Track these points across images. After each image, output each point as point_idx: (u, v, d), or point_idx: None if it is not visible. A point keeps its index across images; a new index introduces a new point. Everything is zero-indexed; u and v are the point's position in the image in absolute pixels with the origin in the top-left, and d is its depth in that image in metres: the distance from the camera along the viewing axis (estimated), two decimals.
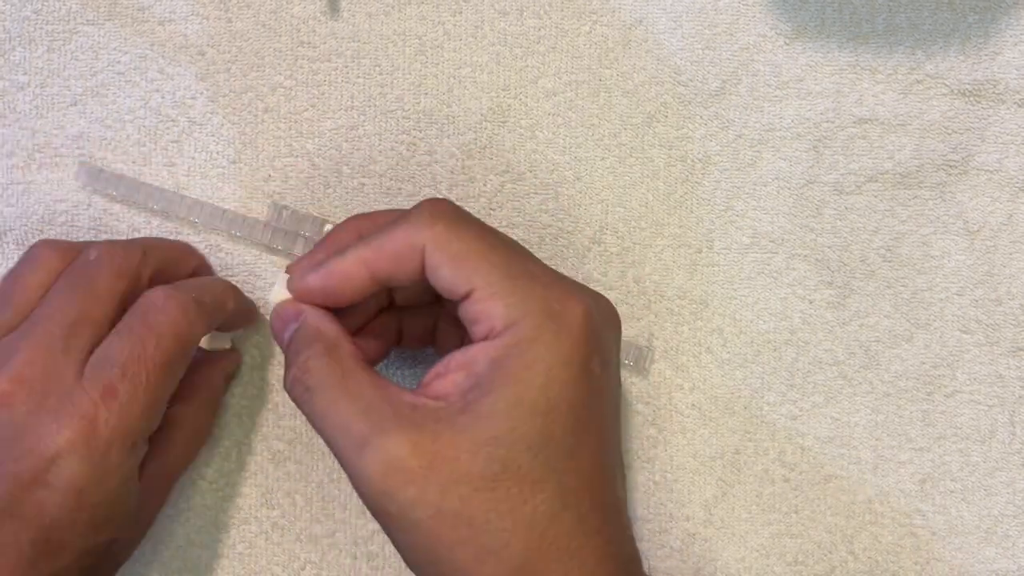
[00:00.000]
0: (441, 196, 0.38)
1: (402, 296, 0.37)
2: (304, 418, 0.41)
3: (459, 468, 0.29)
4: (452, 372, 0.31)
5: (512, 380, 0.30)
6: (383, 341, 0.37)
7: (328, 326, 0.33)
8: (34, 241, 0.41)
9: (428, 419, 0.30)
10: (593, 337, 0.32)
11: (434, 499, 0.29)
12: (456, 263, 0.32)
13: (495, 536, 0.30)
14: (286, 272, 0.35)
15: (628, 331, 0.41)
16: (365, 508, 0.41)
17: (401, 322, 0.37)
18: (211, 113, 0.41)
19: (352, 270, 0.33)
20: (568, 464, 0.31)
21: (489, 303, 0.31)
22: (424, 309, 0.38)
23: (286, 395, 0.41)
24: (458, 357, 0.31)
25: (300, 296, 0.34)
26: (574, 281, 0.34)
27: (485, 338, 0.31)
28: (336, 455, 0.31)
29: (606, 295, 0.33)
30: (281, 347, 0.34)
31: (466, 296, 0.31)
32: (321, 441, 0.41)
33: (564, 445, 0.31)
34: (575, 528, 0.30)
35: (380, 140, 0.41)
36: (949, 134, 0.41)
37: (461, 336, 0.37)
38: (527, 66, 0.41)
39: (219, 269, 0.41)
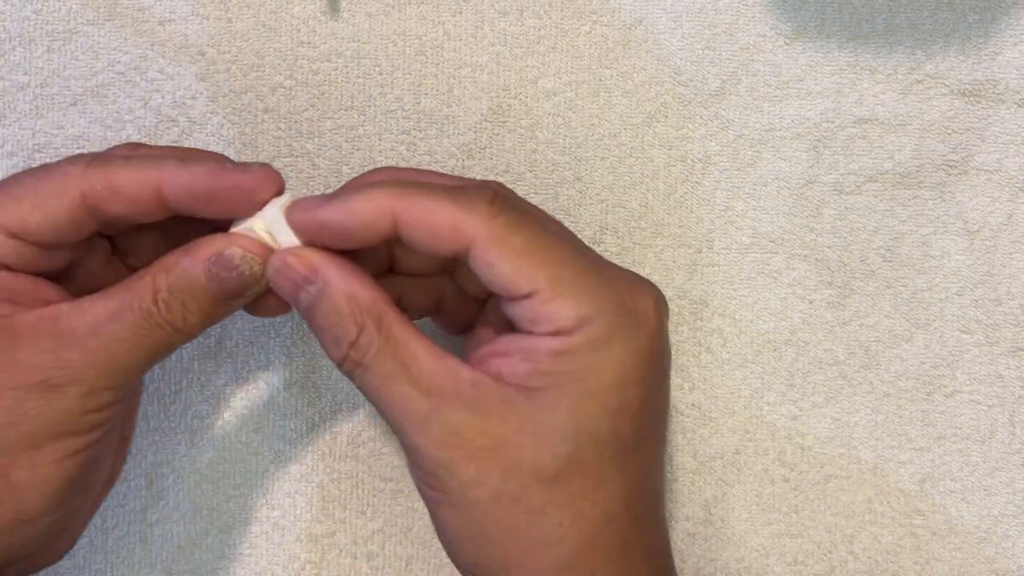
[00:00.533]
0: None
1: (407, 264, 0.35)
2: (305, 419, 0.41)
3: (524, 456, 0.29)
4: (511, 355, 0.30)
5: (582, 375, 0.29)
6: None
7: (364, 290, 0.30)
8: None
9: (492, 399, 0.29)
10: (663, 332, 0.31)
11: (495, 481, 0.29)
12: (518, 260, 0.29)
13: (550, 529, 0.29)
14: (291, 210, 0.31)
15: None
16: (365, 508, 0.41)
17: (400, 289, 0.35)
18: (211, 113, 0.41)
19: (376, 211, 0.30)
20: (633, 462, 0.30)
21: (557, 303, 0.29)
22: (429, 280, 0.35)
23: (287, 395, 0.41)
24: (518, 342, 0.30)
25: (304, 226, 0.31)
26: (630, 271, 0.32)
27: (550, 335, 0.29)
28: (394, 428, 0.30)
29: None
30: (293, 304, 0.31)
31: (527, 295, 0.30)
32: (321, 442, 0.41)
33: (631, 443, 0.30)
34: (629, 527, 0.30)
35: (380, 140, 0.41)
36: (949, 134, 0.41)
37: (470, 310, 0.35)
38: (527, 66, 0.41)
39: None
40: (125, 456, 0.37)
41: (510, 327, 0.32)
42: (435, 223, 0.29)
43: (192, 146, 0.41)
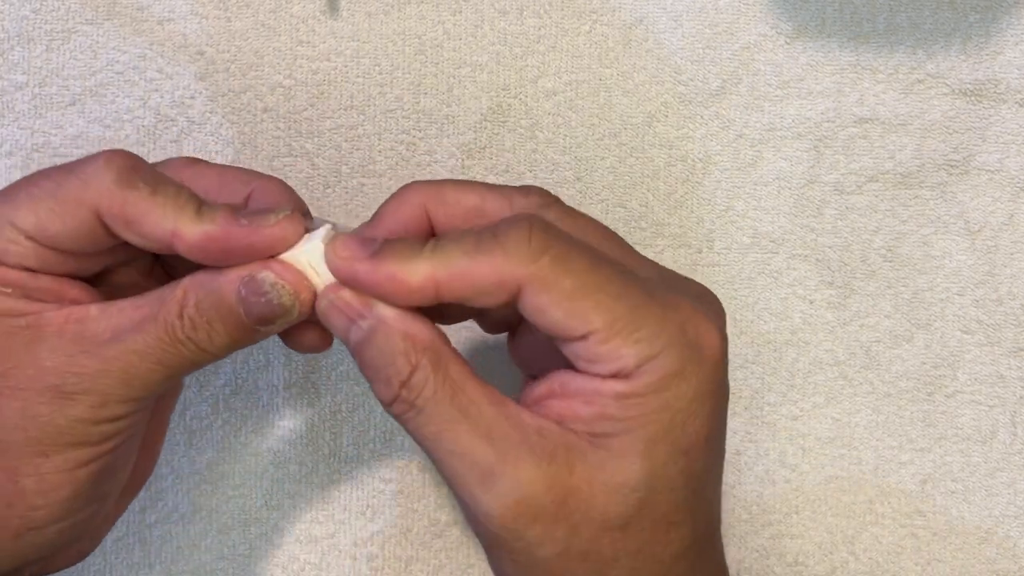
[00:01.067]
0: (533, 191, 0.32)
1: None
2: (304, 419, 0.41)
3: (593, 507, 0.27)
4: (571, 397, 0.28)
5: (649, 419, 0.27)
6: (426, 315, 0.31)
7: (420, 327, 0.29)
8: None
9: (559, 448, 0.27)
10: (725, 360, 0.29)
11: (562, 536, 0.27)
12: (569, 304, 0.27)
13: (621, 573, 0.28)
14: (329, 241, 0.29)
15: None
16: (365, 510, 0.41)
17: None
18: (210, 113, 0.41)
19: (417, 286, 0.28)
20: (701, 500, 0.29)
21: (615, 343, 0.27)
22: None
23: (287, 396, 0.41)
24: (578, 383, 0.28)
25: (342, 279, 0.29)
26: (686, 288, 0.30)
27: (611, 376, 0.28)
28: (451, 481, 0.28)
29: None
30: (342, 339, 0.30)
31: (582, 337, 0.28)
32: (321, 442, 0.41)
33: (700, 481, 0.29)
34: (696, 563, 0.29)
35: (380, 140, 0.41)
36: (950, 134, 0.41)
37: (515, 312, 0.33)
38: (527, 66, 0.41)
39: None
40: (157, 457, 0.35)
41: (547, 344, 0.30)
42: (480, 283, 0.28)
43: (191, 146, 0.41)
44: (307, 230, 0.30)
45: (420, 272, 0.28)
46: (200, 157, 0.41)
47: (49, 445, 0.29)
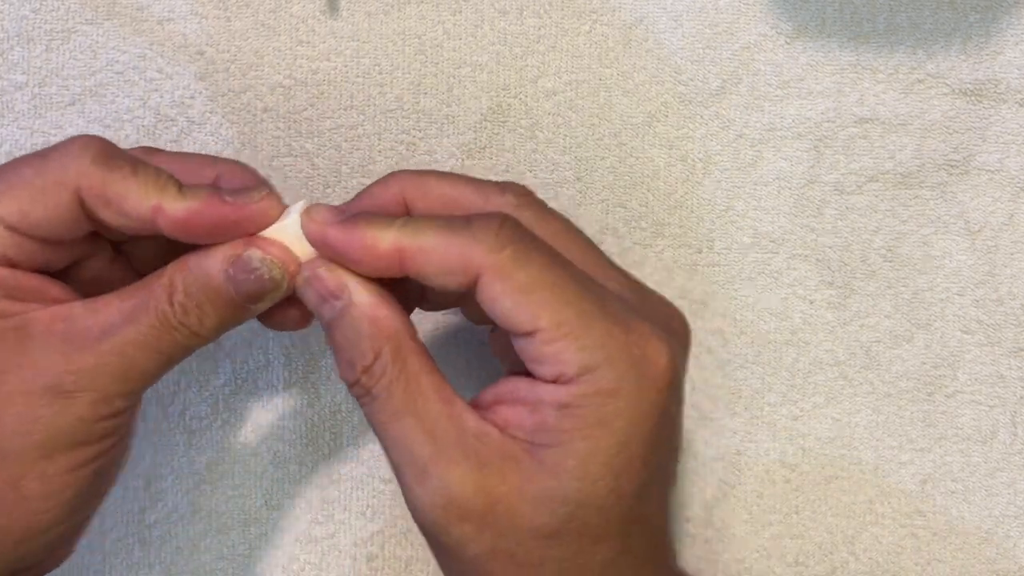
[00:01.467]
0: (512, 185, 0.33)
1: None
2: (304, 419, 0.41)
3: (521, 516, 0.28)
4: (518, 404, 0.29)
5: (585, 435, 0.28)
6: (404, 303, 0.32)
7: (387, 313, 0.30)
8: None
9: (494, 455, 0.28)
10: (676, 384, 0.29)
11: (490, 539, 0.28)
12: (521, 297, 0.28)
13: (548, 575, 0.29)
14: (306, 217, 0.30)
15: None
16: (365, 510, 0.41)
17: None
18: (210, 113, 0.41)
19: (383, 252, 0.29)
20: (636, 519, 0.29)
21: (559, 345, 0.28)
22: None
23: (287, 396, 0.41)
24: (523, 389, 0.29)
25: (313, 242, 0.30)
26: (653, 308, 0.31)
27: (553, 381, 0.28)
28: (393, 470, 0.30)
29: None
30: (317, 316, 0.31)
31: (529, 334, 0.28)
32: (321, 442, 0.41)
33: (633, 499, 0.29)
34: (627, 571, 0.30)
35: (380, 140, 0.41)
36: (950, 134, 0.41)
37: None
38: (527, 66, 0.41)
39: None
40: (127, 459, 0.36)
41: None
42: (444, 262, 0.29)
43: (191, 146, 0.41)
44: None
45: (388, 240, 0.29)
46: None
47: (53, 447, 0.29)
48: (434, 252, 0.29)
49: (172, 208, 0.29)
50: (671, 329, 0.31)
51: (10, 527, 0.29)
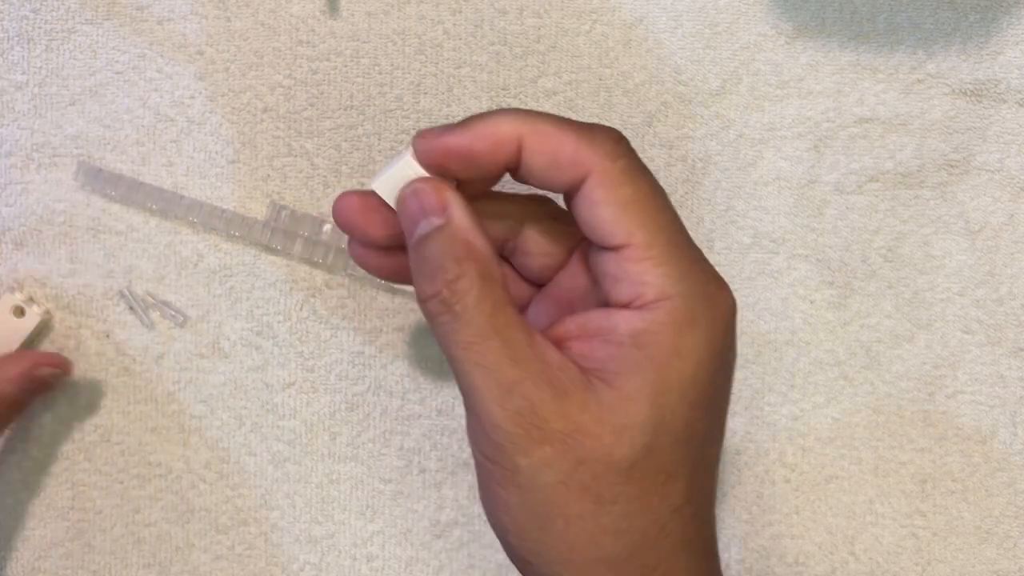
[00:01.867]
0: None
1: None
2: (302, 420, 0.41)
3: (600, 446, 0.28)
4: (589, 337, 0.29)
5: (661, 364, 0.28)
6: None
7: (482, 242, 0.29)
8: (32, 241, 0.41)
9: (576, 386, 0.28)
10: (735, 329, 0.30)
11: (567, 467, 0.28)
12: (620, 209, 0.28)
13: (618, 519, 0.28)
14: (416, 139, 0.30)
15: None
16: (365, 510, 0.41)
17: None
18: (210, 112, 0.41)
19: (504, 136, 0.29)
20: (701, 457, 0.30)
21: (644, 265, 0.28)
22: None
23: (284, 396, 0.41)
24: (595, 319, 0.29)
25: (434, 155, 0.30)
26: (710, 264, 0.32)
27: (628, 304, 0.29)
28: (468, 391, 0.29)
29: None
30: (407, 236, 0.30)
31: (617, 248, 0.29)
32: (319, 443, 0.41)
33: (703, 438, 0.29)
34: (691, 521, 0.30)
35: (379, 140, 0.41)
36: (950, 134, 0.41)
37: (525, 295, 0.34)
38: (527, 65, 0.41)
39: (218, 269, 0.41)
40: None
41: (571, 310, 0.31)
42: (559, 150, 0.29)
43: (190, 146, 0.41)
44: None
45: (507, 123, 0.29)
46: (200, 157, 0.41)
47: None
48: (553, 141, 0.29)
49: None
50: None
51: None
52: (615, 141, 0.29)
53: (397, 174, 0.30)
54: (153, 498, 0.40)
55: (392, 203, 0.31)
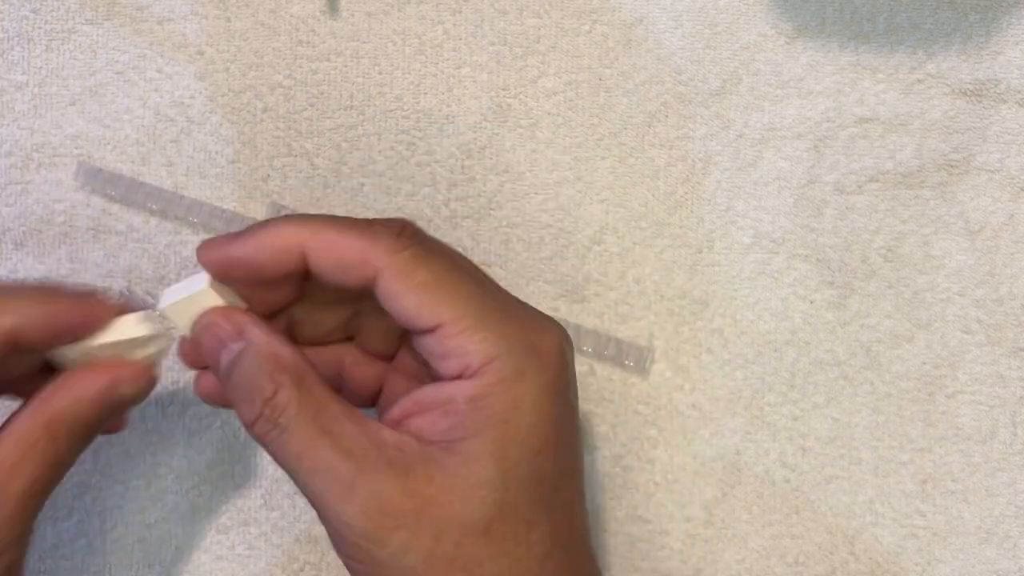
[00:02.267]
0: (406, 218, 0.34)
1: (308, 329, 0.34)
2: None
3: (453, 513, 0.28)
4: (427, 411, 0.30)
5: (499, 419, 0.29)
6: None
7: (287, 351, 0.30)
8: (32, 241, 0.41)
9: (417, 460, 0.29)
10: (569, 368, 0.31)
11: (427, 544, 0.28)
12: (422, 294, 0.29)
13: None
14: (200, 249, 0.31)
15: (628, 331, 0.41)
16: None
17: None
18: (210, 112, 0.41)
19: (282, 243, 0.30)
20: (557, 500, 0.30)
21: (461, 338, 0.29)
22: (328, 349, 0.35)
23: None
24: (430, 393, 0.30)
25: (221, 267, 0.31)
26: (536, 310, 0.32)
27: (459, 376, 0.29)
28: (313, 499, 0.29)
29: (606, 295, 0.33)
30: (214, 370, 0.31)
31: (432, 330, 0.29)
32: None
33: (553, 481, 0.30)
34: (563, 563, 0.30)
35: (379, 140, 0.41)
36: (950, 134, 0.41)
37: (374, 375, 0.35)
38: (527, 65, 0.41)
39: None
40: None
41: (420, 382, 0.32)
42: (343, 254, 0.30)
43: (190, 146, 0.41)
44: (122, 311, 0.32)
45: (288, 232, 0.30)
46: (200, 157, 0.41)
47: None
48: (335, 247, 0.30)
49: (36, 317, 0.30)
50: (551, 321, 0.32)
51: None
52: (396, 234, 0.30)
53: (190, 301, 0.31)
54: (155, 498, 0.40)
55: (185, 328, 0.31)
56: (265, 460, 0.41)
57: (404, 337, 0.34)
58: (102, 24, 0.40)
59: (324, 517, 0.29)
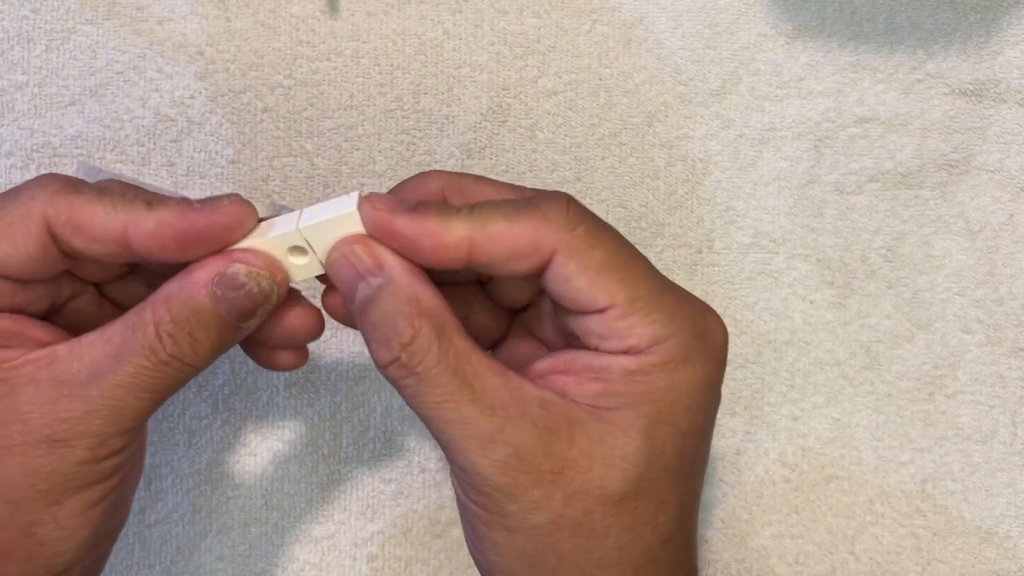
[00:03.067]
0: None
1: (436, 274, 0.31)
2: (304, 419, 0.41)
3: (591, 479, 0.28)
4: (578, 373, 0.29)
5: (656, 397, 0.28)
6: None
7: (430, 294, 0.28)
8: None
9: (560, 420, 0.28)
10: (727, 355, 0.30)
11: (557, 506, 0.28)
12: (596, 275, 0.28)
13: (610, 551, 0.28)
14: (365, 203, 0.28)
15: None
16: (365, 510, 0.41)
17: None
18: (210, 112, 0.41)
19: (453, 242, 0.28)
20: (690, 484, 0.30)
21: (631, 320, 0.28)
22: (457, 290, 0.32)
23: (286, 395, 0.41)
24: (586, 359, 0.29)
25: (379, 233, 0.28)
26: (697, 297, 0.31)
27: (622, 353, 0.28)
28: (448, 448, 0.28)
29: None
30: (348, 303, 0.29)
31: (601, 310, 0.28)
32: (321, 442, 0.41)
33: (692, 465, 0.29)
34: (680, 546, 0.30)
35: (380, 140, 0.41)
36: (950, 134, 0.41)
37: (500, 324, 0.33)
38: (527, 65, 0.41)
39: None
40: (139, 479, 0.34)
41: (555, 344, 0.31)
42: (516, 245, 0.28)
43: (191, 146, 0.41)
44: (263, 219, 0.30)
45: (458, 231, 0.28)
46: (200, 157, 0.41)
47: (60, 493, 0.29)
48: (507, 238, 0.28)
49: (142, 222, 0.28)
50: (712, 309, 0.31)
51: (32, 572, 0.29)
52: (566, 207, 0.28)
53: (333, 224, 0.29)
54: (155, 498, 0.40)
55: (320, 253, 0.29)
56: (266, 460, 0.41)
57: (540, 293, 0.32)
58: (102, 24, 0.40)
59: (456, 464, 0.28)
